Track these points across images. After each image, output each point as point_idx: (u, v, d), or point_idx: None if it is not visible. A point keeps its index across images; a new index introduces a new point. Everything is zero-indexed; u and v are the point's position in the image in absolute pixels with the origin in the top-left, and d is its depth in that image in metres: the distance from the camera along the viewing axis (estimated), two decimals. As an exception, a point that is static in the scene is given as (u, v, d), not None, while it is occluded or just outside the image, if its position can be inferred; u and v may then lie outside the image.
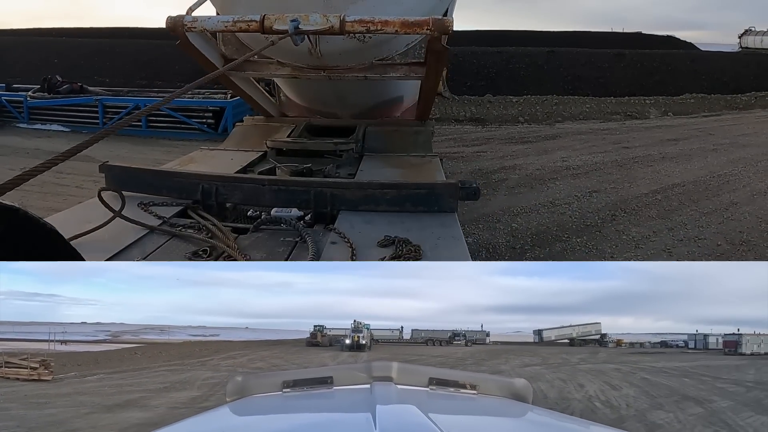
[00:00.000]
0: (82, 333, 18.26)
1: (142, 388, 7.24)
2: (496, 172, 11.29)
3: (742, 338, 13.35)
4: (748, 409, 5.98)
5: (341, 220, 3.46)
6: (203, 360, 11.04)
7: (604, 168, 11.72)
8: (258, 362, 11.17)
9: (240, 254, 3.03)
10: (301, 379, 1.42)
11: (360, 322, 14.32)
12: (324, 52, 4.32)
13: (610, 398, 6.62)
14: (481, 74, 23.33)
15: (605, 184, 10.49)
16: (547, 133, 15.97)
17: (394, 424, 1.00)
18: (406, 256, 2.93)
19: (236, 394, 1.40)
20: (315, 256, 3.01)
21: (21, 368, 7.59)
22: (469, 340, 16.86)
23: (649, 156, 12.89)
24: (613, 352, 15.23)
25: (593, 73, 24.06)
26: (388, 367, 1.41)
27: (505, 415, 1.36)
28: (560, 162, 12.19)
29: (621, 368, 9.78)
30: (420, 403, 1.16)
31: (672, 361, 11.44)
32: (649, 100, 20.76)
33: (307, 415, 1.27)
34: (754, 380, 8.27)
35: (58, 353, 11.08)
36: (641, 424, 5.42)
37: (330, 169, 4.61)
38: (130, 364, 10.24)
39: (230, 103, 14.71)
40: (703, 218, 8.80)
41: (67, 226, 2.62)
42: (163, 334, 20.72)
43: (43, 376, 7.56)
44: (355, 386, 1.39)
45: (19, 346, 10.69)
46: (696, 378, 8.55)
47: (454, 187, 3.64)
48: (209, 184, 3.73)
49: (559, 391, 6.86)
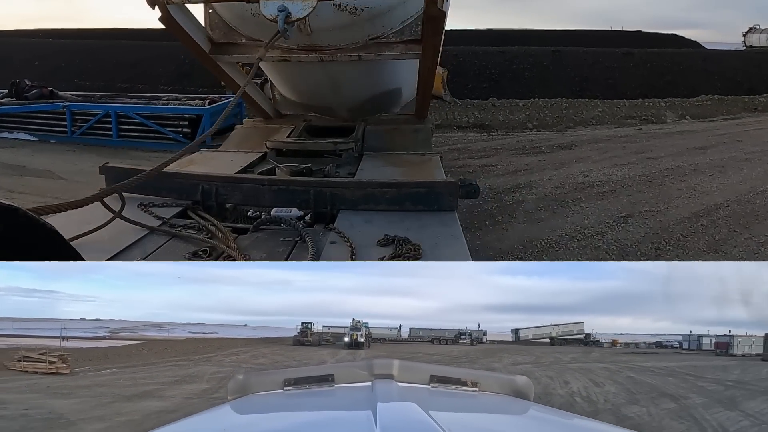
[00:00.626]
0: (82, 329, 18.17)
1: (155, 381, 7.51)
2: (509, 191, 9.89)
3: (733, 339, 13.42)
4: (720, 405, 6.15)
5: (341, 219, 3.45)
6: (207, 356, 11.08)
7: (632, 185, 10.36)
8: (260, 359, 11.21)
9: (240, 254, 3.02)
10: (302, 377, 1.41)
11: (359, 321, 14.25)
12: (315, 28, 4.16)
13: (591, 395, 6.85)
14: (484, 75, 22.07)
15: (638, 205, 9.13)
16: (560, 141, 14.56)
17: (395, 422, 1.00)
18: (405, 255, 2.92)
19: (238, 392, 1.39)
20: (315, 255, 3.00)
21: (39, 362, 7.93)
22: (474, 339, 16.95)
23: (678, 169, 11.57)
24: (606, 351, 15.26)
25: (602, 73, 22.86)
26: (389, 364, 1.39)
27: (506, 413, 1.34)
28: (581, 177, 10.82)
29: (609, 367, 9.87)
30: (421, 400, 1.15)
31: (662, 361, 11.39)
32: (664, 102, 19.53)
33: (308, 413, 1.26)
34: (736, 380, 8.34)
35: (67, 348, 11.03)
36: (614, 416, 5.58)
37: (330, 169, 4.59)
38: (138, 360, 10.35)
39: (207, 110, 13.38)
40: (763, 249, 7.45)
41: (67, 227, 2.57)
42: (163, 331, 20.91)
43: (61, 370, 7.85)
44: (356, 384, 1.37)
45: (19, 342, 10.89)
46: (680, 377, 8.59)
47: (453, 186, 3.61)
48: (209, 185, 3.74)
49: (544, 388, 7.14)
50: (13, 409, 5.62)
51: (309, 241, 3.10)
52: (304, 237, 3.17)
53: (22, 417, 5.28)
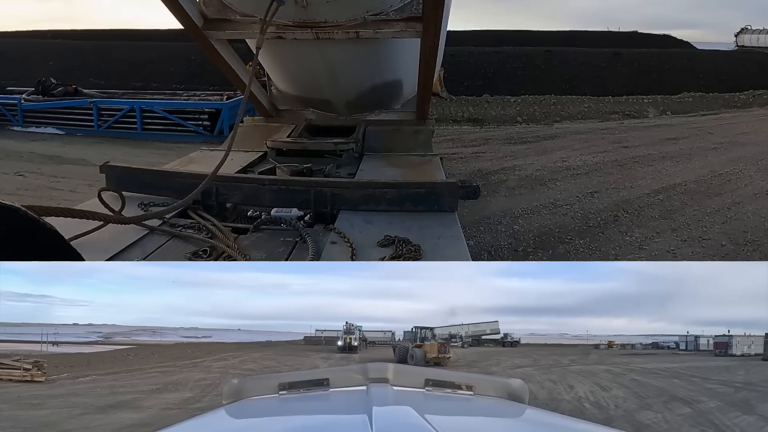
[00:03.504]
0: (74, 334, 18.20)
1: (135, 390, 7.28)
2: (495, 173, 11.19)
3: (733, 340, 13.37)
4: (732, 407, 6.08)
5: (341, 219, 3.45)
6: (204, 360, 11.06)
7: (604, 168, 11.61)
8: (265, 361, 11.32)
9: (240, 254, 3.02)
10: (297, 381, 1.42)
11: (352, 324, 14.25)
12: (310, 0, 4.05)
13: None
14: (479, 74, 23.25)
15: (606, 184, 10.39)
16: (545, 133, 15.86)
17: (390, 426, 1.00)
18: (405, 255, 2.94)
19: (232, 396, 1.40)
20: (315, 256, 3.00)
21: (14, 369, 7.56)
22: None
23: (649, 155, 12.80)
24: (603, 353, 14.81)
25: (591, 72, 24.01)
26: (384, 368, 1.41)
27: (502, 416, 1.35)
28: (560, 162, 12.08)
29: (612, 369, 9.64)
30: (416, 404, 1.16)
31: (660, 362, 11.45)
32: (647, 99, 20.71)
33: (303, 417, 1.27)
34: (743, 381, 8.26)
35: (50, 354, 11.07)
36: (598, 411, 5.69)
37: (330, 169, 4.58)
38: (123, 366, 10.25)
39: (226, 105, 14.58)
40: (707, 218, 8.71)
41: (67, 227, 2.59)
42: (156, 335, 20.85)
43: (36, 378, 7.53)
44: (351, 388, 1.39)
45: (10, 348, 10.71)
46: (685, 379, 8.55)
47: (454, 187, 3.61)
48: (209, 184, 3.67)
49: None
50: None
51: (309, 241, 3.11)
52: (305, 237, 3.18)
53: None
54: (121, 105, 15.62)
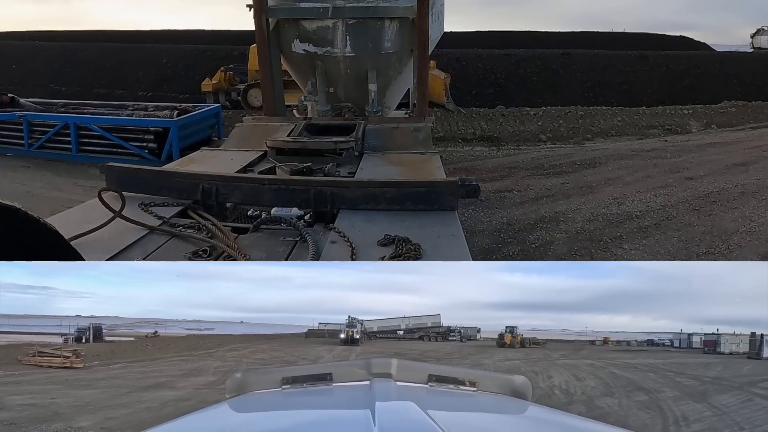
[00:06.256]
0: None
1: (165, 374, 7.74)
2: (533, 228, 8.21)
3: (721, 338, 13.62)
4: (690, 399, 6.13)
5: (341, 219, 3.42)
6: (216, 350, 11.20)
7: (677, 215, 8.71)
8: (273, 352, 11.48)
9: (240, 254, 2.99)
10: (300, 375, 1.40)
11: (354, 318, 14.16)
12: None
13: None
14: (488, 80, 20.52)
15: (693, 245, 7.49)
16: (581, 157, 12.79)
17: (393, 421, 1.00)
18: (406, 255, 2.89)
19: (235, 390, 1.38)
20: (315, 255, 2.98)
21: (54, 357, 8.20)
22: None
23: (724, 191, 9.94)
24: (597, 348, 14.94)
25: (615, 77, 21.33)
26: (388, 363, 1.38)
27: (505, 412, 1.33)
28: (614, 206, 9.17)
29: (595, 363, 9.55)
30: (419, 399, 1.14)
31: (642, 357, 11.33)
32: (686, 110, 17.93)
33: (306, 412, 1.25)
34: (715, 376, 8.21)
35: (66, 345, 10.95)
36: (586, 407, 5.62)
37: (330, 168, 4.57)
38: (144, 355, 10.42)
39: (175, 123, 11.70)
40: None
41: (68, 227, 2.59)
42: (160, 328, 20.40)
43: (75, 364, 8.10)
44: (354, 383, 1.36)
45: (15, 339, 11.02)
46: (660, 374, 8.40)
47: (454, 185, 3.59)
48: (209, 184, 3.71)
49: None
50: (41, 398, 5.79)
51: (309, 240, 3.10)
52: (305, 236, 3.16)
53: (52, 404, 5.53)
54: (54, 120, 12.66)
